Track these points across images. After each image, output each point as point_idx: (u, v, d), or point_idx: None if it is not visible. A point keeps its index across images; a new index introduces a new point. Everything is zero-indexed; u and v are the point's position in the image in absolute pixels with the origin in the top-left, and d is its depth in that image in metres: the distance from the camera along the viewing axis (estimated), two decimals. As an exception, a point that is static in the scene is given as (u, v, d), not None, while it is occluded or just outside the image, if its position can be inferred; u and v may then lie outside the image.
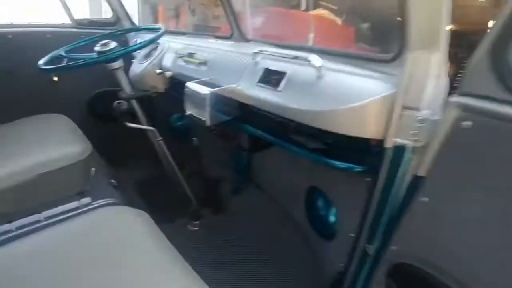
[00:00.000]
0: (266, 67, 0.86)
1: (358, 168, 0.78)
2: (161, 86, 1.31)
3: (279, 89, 0.79)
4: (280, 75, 0.81)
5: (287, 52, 0.79)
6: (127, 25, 1.91)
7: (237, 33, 1.24)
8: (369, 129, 0.67)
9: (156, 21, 3.45)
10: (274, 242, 1.32)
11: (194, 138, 1.31)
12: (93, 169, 1.23)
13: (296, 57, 0.78)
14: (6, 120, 1.34)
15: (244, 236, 1.37)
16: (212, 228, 1.43)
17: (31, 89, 1.65)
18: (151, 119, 1.42)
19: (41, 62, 1.14)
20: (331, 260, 1.12)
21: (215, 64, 1.03)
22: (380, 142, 0.69)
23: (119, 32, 1.65)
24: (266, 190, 1.55)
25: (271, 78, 0.83)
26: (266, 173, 1.54)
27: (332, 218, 1.09)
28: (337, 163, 0.80)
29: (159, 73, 1.26)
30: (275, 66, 0.84)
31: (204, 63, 1.07)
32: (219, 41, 1.28)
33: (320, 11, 2.38)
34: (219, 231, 1.41)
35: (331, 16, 2.37)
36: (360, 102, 0.65)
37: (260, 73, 0.86)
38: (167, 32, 1.28)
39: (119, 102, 1.13)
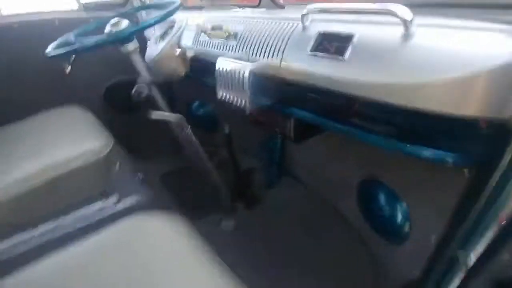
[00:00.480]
0: (321, 31, 0.65)
1: (450, 158, 0.58)
2: (182, 69, 1.14)
3: (345, 57, 0.59)
4: (343, 40, 0.60)
5: (356, 7, 0.58)
6: (137, 5, 1.73)
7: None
8: (489, 106, 0.47)
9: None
10: (321, 242, 1.16)
11: (226, 126, 1.14)
12: (117, 163, 1.11)
13: (370, 12, 0.56)
14: (20, 117, 1.24)
15: (285, 236, 1.21)
16: (247, 226, 1.29)
17: (43, 82, 1.54)
18: (171, 108, 1.27)
19: (49, 49, 1.01)
20: (399, 265, 0.94)
21: (248, 36, 0.83)
22: (498, 123, 0.49)
23: (130, 11, 1.48)
24: (304, 182, 1.37)
25: (330, 45, 0.63)
26: (305, 163, 1.36)
27: (399, 217, 0.91)
28: (419, 149, 0.60)
29: (179, 54, 1.08)
30: (334, 29, 0.63)
31: (233, 36, 0.87)
32: (247, 9, 1.07)
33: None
34: (255, 229, 1.26)
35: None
36: (480, 68, 0.44)
37: (312, 40, 0.66)
38: (183, 8, 1.10)
39: (138, 88, 0.97)
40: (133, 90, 0.97)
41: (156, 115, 1.01)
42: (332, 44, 0.62)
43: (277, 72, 0.72)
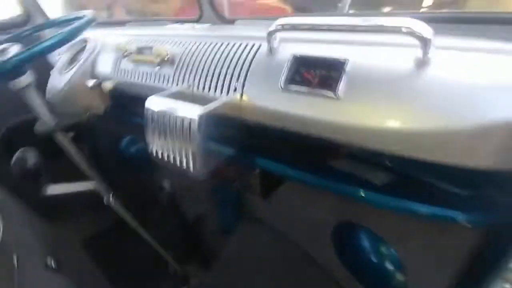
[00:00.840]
0: (297, 54, 0.46)
1: (458, 216, 0.45)
2: (99, 105, 0.85)
3: (337, 93, 0.41)
4: (331, 67, 0.42)
5: (354, 23, 0.40)
6: (42, 21, 1.37)
7: (209, 13, 0.83)
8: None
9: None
10: None
11: (165, 184, 0.88)
12: (14, 256, 0.77)
13: (375, 30, 0.38)
14: None
15: None
16: None
17: None
18: (91, 151, 0.96)
19: None
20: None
21: (190, 62, 0.61)
22: None
23: (28, 32, 1.13)
24: (269, 224, 1.17)
25: (311, 74, 0.44)
26: (268, 201, 1.16)
27: (389, 265, 0.76)
28: (422, 208, 0.47)
29: (93, 86, 0.80)
30: (316, 51, 0.46)
31: (168, 61, 0.64)
32: (186, 25, 0.85)
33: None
34: None
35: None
36: (503, 116, 0.33)
37: (285, 67, 0.47)
38: (99, 24, 0.84)
39: (21, 157, 0.66)
40: (13, 161, 0.66)
41: (59, 189, 0.70)
42: (313, 73, 0.44)
43: (236, 112, 0.51)
